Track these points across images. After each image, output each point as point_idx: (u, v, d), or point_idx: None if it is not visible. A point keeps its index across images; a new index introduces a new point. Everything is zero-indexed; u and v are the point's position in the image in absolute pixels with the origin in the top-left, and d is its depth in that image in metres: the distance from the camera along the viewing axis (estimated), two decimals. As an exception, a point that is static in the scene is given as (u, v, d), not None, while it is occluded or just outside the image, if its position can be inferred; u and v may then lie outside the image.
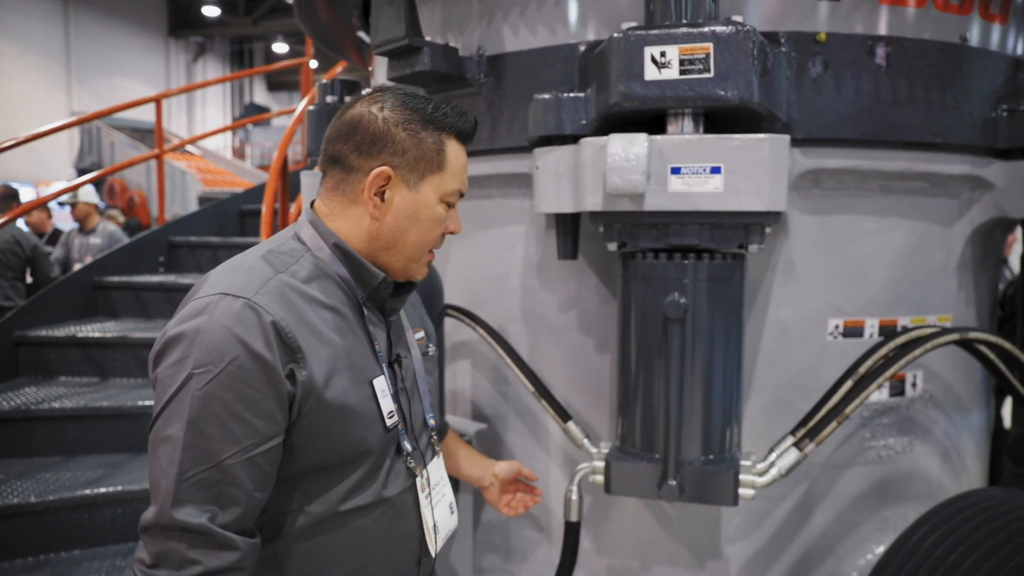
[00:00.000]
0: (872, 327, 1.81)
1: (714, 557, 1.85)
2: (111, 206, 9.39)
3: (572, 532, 1.75)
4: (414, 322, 1.34)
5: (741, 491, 1.56)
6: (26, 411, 3.03)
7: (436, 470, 1.28)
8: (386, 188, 1.12)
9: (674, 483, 1.54)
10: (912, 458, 1.91)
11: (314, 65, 6.14)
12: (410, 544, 1.21)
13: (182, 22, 19.47)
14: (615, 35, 1.54)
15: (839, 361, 1.75)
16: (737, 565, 1.84)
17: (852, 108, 1.68)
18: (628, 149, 1.49)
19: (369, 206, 1.13)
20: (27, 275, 5.09)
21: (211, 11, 18.62)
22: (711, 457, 1.59)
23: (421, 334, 1.34)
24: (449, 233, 1.19)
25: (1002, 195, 1.89)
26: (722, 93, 1.48)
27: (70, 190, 4.75)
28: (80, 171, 10.61)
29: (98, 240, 5.94)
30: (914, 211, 1.83)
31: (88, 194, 5.93)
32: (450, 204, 1.17)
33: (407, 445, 1.19)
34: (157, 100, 5.10)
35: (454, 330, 2.14)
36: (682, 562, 1.87)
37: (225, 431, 0.98)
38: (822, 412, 1.65)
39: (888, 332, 1.81)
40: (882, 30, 1.72)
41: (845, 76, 1.68)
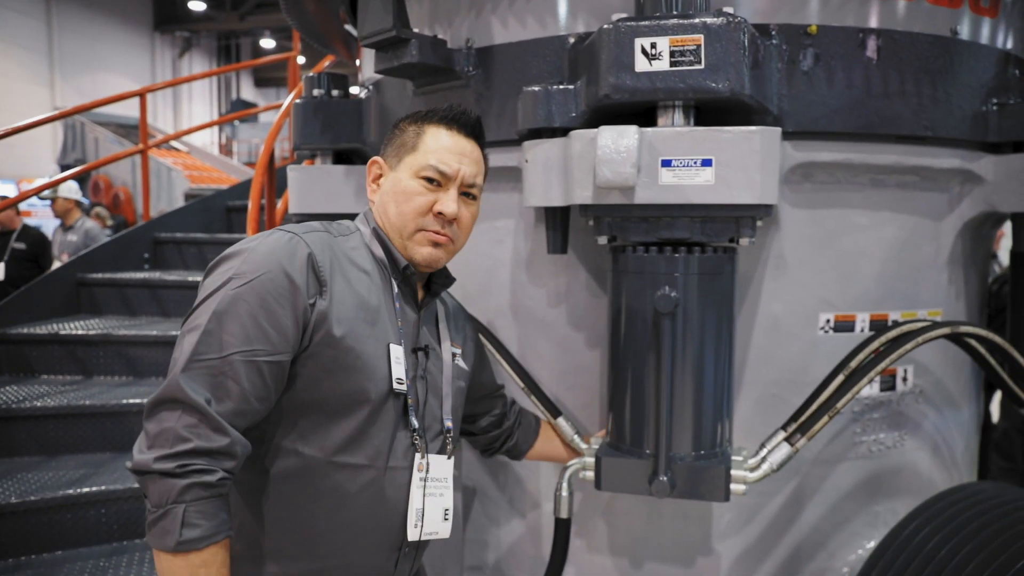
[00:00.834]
0: (863, 321, 1.81)
1: (705, 553, 1.84)
2: (96, 203, 9.28)
3: (562, 529, 1.74)
4: (454, 336, 1.45)
5: (732, 486, 1.55)
6: (7, 410, 2.99)
7: (441, 467, 1.30)
8: (381, 175, 1.35)
9: (665, 479, 1.53)
10: (903, 453, 1.91)
11: (302, 61, 6.10)
12: (392, 524, 1.24)
13: (168, 17, 19.28)
14: (605, 26, 1.52)
15: (830, 356, 1.74)
16: (728, 561, 1.84)
17: (843, 101, 1.67)
18: (618, 141, 1.48)
19: (369, 191, 1.36)
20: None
21: (197, 6, 18.46)
22: (702, 452, 1.58)
23: (458, 350, 1.44)
24: (441, 215, 1.29)
25: (992, 189, 1.89)
26: (713, 85, 1.47)
27: (48, 187, 4.68)
28: (63, 167, 10.47)
29: (75, 238, 5.87)
30: (905, 205, 1.82)
31: (68, 190, 5.86)
32: (429, 179, 1.28)
33: (414, 421, 1.25)
34: (141, 95, 5.04)
35: (443, 326, 2.11)
36: (673, 558, 1.86)
37: (241, 329, 1.09)
38: (813, 407, 1.65)
39: (879, 326, 1.80)
40: (873, 23, 1.71)
41: (836, 69, 1.67)
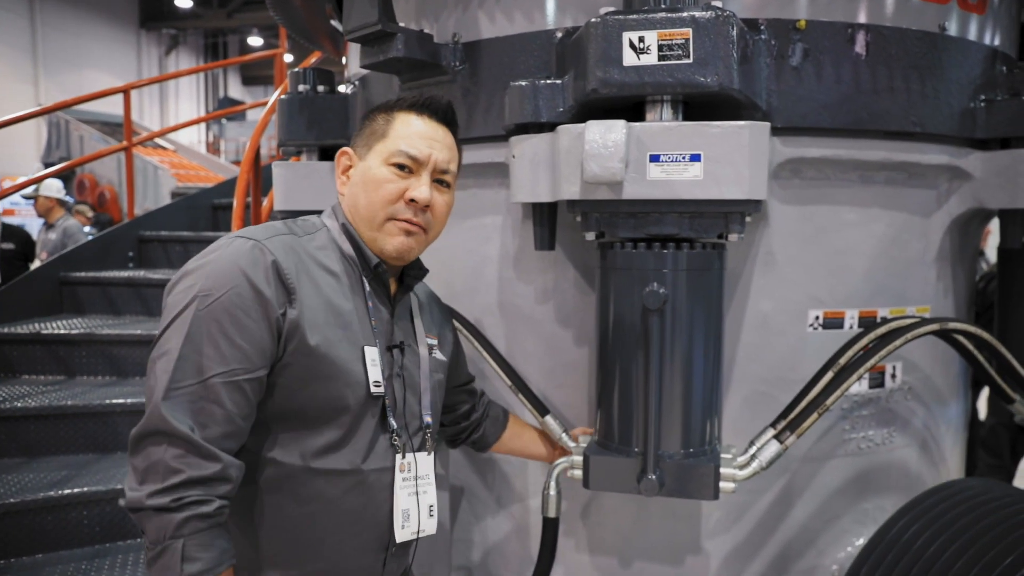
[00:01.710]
0: (852, 318, 1.80)
1: (694, 552, 1.83)
2: (80, 202, 9.18)
3: (550, 528, 1.72)
4: (429, 327, 1.41)
5: (722, 485, 1.54)
6: (-13, 411, 2.93)
7: (424, 464, 1.28)
8: (351, 167, 1.30)
9: (653, 477, 1.51)
10: (891, 450, 1.90)
11: (289, 59, 6.05)
12: (378, 526, 1.22)
13: (154, 14, 19.10)
14: (592, 20, 1.50)
15: (819, 352, 1.74)
16: (717, 559, 1.82)
17: (832, 97, 1.67)
18: (606, 136, 1.46)
19: (338, 184, 1.31)
20: None
21: (184, 3, 18.29)
22: (691, 450, 1.56)
23: (434, 341, 1.40)
24: (413, 202, 1.24)
25: (980, 185, 1.89)
26: (701, 79, 1.45)
27: (28, 184, 4.62)
28: (47, 166, 10.35)
29: (55, 236, 5.82)
30: (893, 201, 1.82)
31: (48, 188, 5.79)
32: (400, 166, 1.24)
33: (393, 422, 1.22)
34: (125, 91, 4.97)
35: (430, 324, 2.09)
36: (662, 557, 1.85)
37: (217, 350, 1.05)
38: (802, 404, 1.64)
39: (868, 323, 1.80)
40: (862, 18, 1.70)
41: (825, 64, 1.66)
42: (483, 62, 1.85)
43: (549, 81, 1.63)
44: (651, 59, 1.47)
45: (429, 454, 1.31)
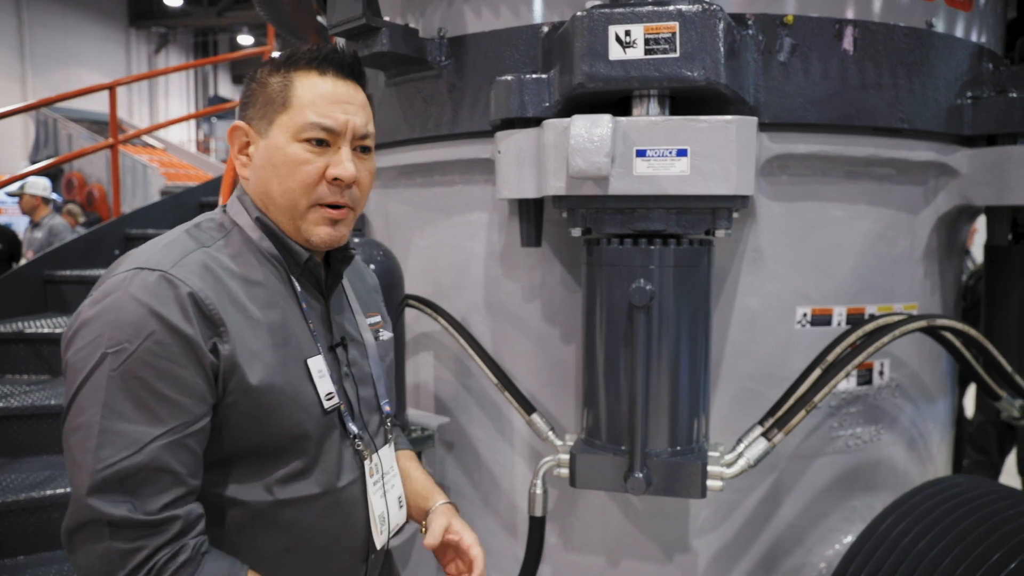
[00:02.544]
0: (840, 315, 1.79)
1: (682, 550, 1.82)
2: (69, 201, 9.10)
3: (537, 527, 1.71)
4: (368, 307, 1.27)
5: (709, 483, 1.53)
6: (-32, 411, 2.89)
7: (388, 458, 1.20)
8: (249, 144, 1.08)
9: (641, 475, 1.50)
10: (879, 447, 1.90)
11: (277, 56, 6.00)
12: (357, 539, 1.14)
13: (143, 12, 18.95)
14: (578, 13, 1.48)
15: (807, 349, 1.73)
16: (706, 558, 1.81)
17: (819, 92, 1.66)
18: (592, 131, 1.45)
19: (238, 166, 1.08)
20: None
21: (174, 1, 18.16)
22: (678, 448, 1.55)
23: (376, 319, 1.27)
24: (337, 180, 1.05)
25: (967, 182, 1.89)
26: (688, 74, 1.44)
27: (11, 181, 4.56)
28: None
29: (40, 234, 5.76)
30: (881, 198, 1.81)
31: (34, 186, 5.73)
32: (316, 141, 1.04)
33: (353, 427, 1.11)
34: (111, 87, 4.92)
35: (416, 322, 2.07)
36: (650, 556, 1.83)
37: (148, 413, 0.90)
38: (790, 401, 1.63)
39: (856, 320, 1.79)
40: (850, 14, 1.69)
41: (812, 60, 1.65)
42: (469, 57, 1.83)
43: (535, 76, 1.62)
44: (637, 53, 1.45)
45: (390, 444, 1.22)
